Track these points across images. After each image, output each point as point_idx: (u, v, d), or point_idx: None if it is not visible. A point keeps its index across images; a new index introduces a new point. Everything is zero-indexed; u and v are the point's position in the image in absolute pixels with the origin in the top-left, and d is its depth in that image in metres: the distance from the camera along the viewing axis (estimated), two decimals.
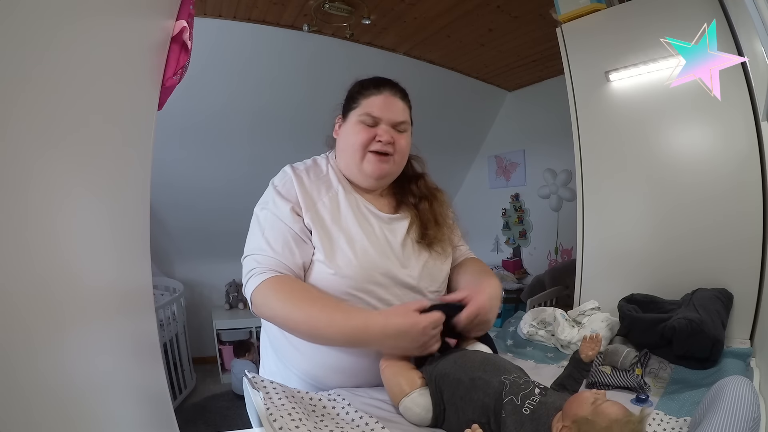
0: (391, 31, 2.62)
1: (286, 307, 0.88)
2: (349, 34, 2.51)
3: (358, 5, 2.28)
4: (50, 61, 0.47)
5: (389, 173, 1.03)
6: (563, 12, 1.67)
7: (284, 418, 0.73)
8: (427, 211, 1.07)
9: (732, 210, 1.32)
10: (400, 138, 1.01)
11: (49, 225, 0.49)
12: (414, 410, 0.84)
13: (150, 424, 0.76)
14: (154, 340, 0.83)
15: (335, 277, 0.92)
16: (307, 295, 0.89)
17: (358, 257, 0.93)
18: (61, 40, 0.49)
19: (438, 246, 1.05)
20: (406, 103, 1.05)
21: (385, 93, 1.01)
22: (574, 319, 1.43)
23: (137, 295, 0.77)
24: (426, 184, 1.14)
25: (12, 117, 0.42)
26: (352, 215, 0.98)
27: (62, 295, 0.51)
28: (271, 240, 0.93)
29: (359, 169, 1.00)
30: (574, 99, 1.68)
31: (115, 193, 0.68)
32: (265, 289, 0.89)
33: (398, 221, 1.04)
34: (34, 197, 0.46)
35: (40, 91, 0.46)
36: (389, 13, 2.39)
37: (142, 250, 0.78)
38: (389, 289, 0.95)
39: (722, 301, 1.23)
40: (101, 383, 0.60)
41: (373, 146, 0.99)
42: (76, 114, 0.53)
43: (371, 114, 0.99)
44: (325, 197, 0.98)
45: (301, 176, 1.00)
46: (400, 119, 1.01)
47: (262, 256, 0.93)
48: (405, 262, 0.99)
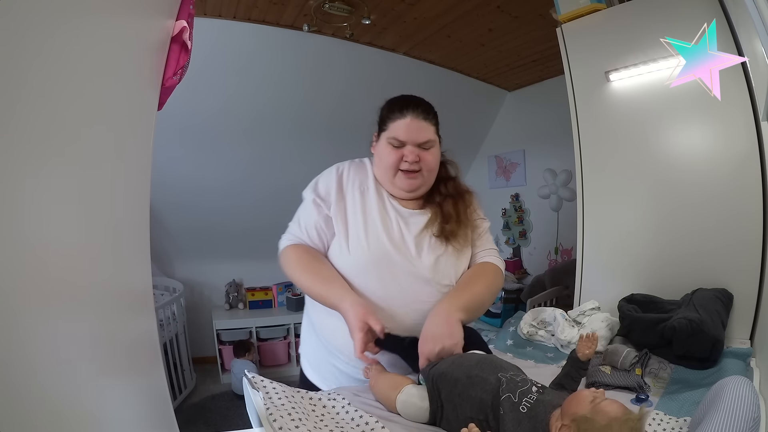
0: (391, 31, 2.62)
1: (292, 269, 1.09)
2: (349, 34, 2.51)
3: (358, 5, 2.28)
4: (50, 60, 0.47)
5: (419, 186, 1.13)
6: (563, 12, 1.67)
7: (284, 418, 0.73)
8: (450, 209, 1.14)
9: (732, 209, 1.32)
10: (427, 155, 1.10)
11: (49, 225, 0.49)
12: (410, 401, 0.85)
13: (150, 424, 0.76)
14: (154, 340, 0.83)
15: (347, 256, 1.07)
16: (307, 264, 1.08)
17: (369, 243, 1.07)
18: (60, 39, 0.49)
19: (455, 242, 1.11)
20: (430, 121, 1.13)
21: (408, 117, 1.09)
22: (574, 319, 1.43)
23: (137, 295, 0.77)
24: (455, 185, 1.21)
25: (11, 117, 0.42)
26: (375, 208, 1.11)
27: (62, 294, 0.51)
28: (301, 220, 1.14)
29: (392, 184, 1.13)
30: (574, 99, 1.68)
31: (115, 193, 0.68)
32: (285, 253, 1.13)
33: (418, 216, 1.13)
34: (33, 197, 0.46)
35: (39, 91, 0.46)
36: (389, 13, 2.39)
37: (142, 250, 0.78)
38: (396, 276, 1.05)
39: (722, 301, 1.23)
40: (101, 383, 0.60)
41: (402, 166, 1.09)
42: (75, 113, 0.53)
43: (397, 138, 1.09)
44: (357, 191, 1.13)
45: (342, 173, 1.16)
46: (423, 140, 1.09)
47: (292, 228, 1.17)
48: (417, 254, 1.08)
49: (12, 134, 0.42)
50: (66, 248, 0.53)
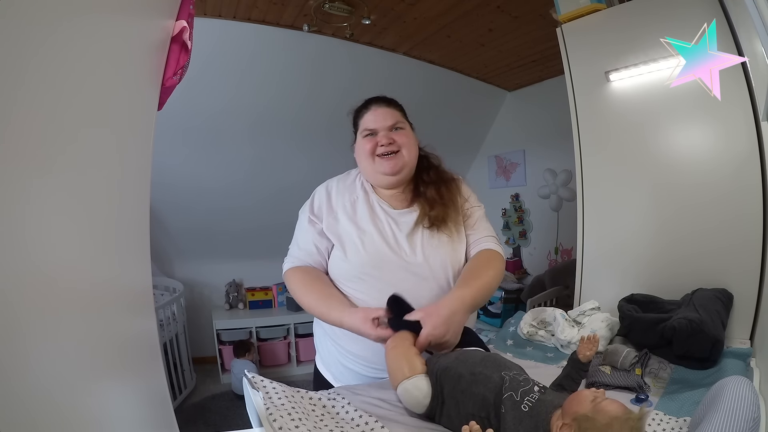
0: (391, 31, 2.62)
1: (295, 291, 1.15)
2: (349, 34, 2.51)
3: (358, 5, 2.28)
4: (49, 59, 0.47)
5: (402, 167, 1.16)
6: (563, 12, 1.67)
7: (284, 418, 0.73)
8: (433, 194, 1.19)
9: (732, 209, 1.32)
10: (399, 135, 1.17)
11: (49, 225, 0.49)
12: (413, 393, 0.85)
13: (150, 424, 0.76)
14: (154, 340, 0.83)
15: (346, 263, 1.12)
16: (309, 286, 1.13)
17: (365, 247, 1.11)
18: (59, 39, 0.49)
19: (446, 229, 1.14)
20: (395, 107, 1.21)
21: (372, 108, 1.19)
22: (574, 319, 1.43)
23: (137, 295, 0.77)
24: (437, 172, 1.25)
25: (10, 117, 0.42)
26: (366, 214, 1.16)
27: (62, 294, 0.51)
28: (299, 240, 1.20)
29: (376, 171, 1.17)
30: (574, 99, 1.68)
31: (115, 193, 0.68)
32: (288, 275, 1.18)
33: (406, 215, 1.17)
34: (33, 197, 0.46)
35: (38, 91, 0.46)
36: (389, 13, 2.39)
37: (142, 250, 0.78)
38: (395, 274, 1.09)
39: (722, 301, 1.23)
40: (101, 383, 0.60)
41: (378, 150, 1.15)
42: (75, 113, 0.53)
43: (368, 128, 1.18)
44: (347, 202, 1.19)
45: (330, 189, 1.22)
46: (391, 122, 1.17)
47: (292, 250, 1.22)
48: (411, 251, 1.12)
49: (11, 134, 0.42)
50: (66, 248, 0.53)
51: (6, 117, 0.41)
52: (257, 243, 3.77)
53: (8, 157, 0.41)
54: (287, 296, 3.94)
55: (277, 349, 3.84)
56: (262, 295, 4.02)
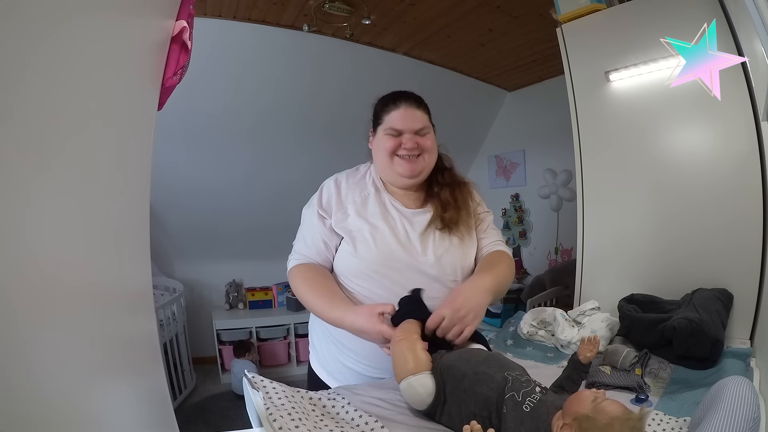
0: (391, 31, 2.62)
1: (299, 288, 1.12)
2: (349, 34, 2.51)
3: (358, 5, 2.28)
4: (49, 59, 0.47)
5: (421, 171, 1.15)
6: (563, 12, 1.67)
7: (284, 418, 0.73)
8: (447, 196, 1.18)
9: (732, 209, 1.32)
10: (424, 140, 1.14)
11: (49, 224, 0.49)
12: (417, 390, 0.84)
13: (150, 424, 0.76)
14: (154, 340, 0.83)
15: (356, 259, 1.09)
16: (313, 283, 1.10)
17: (377, 244, 1.09)
18: (59, 38, 0.49)
19: (457, 231, 1.13)
20: (423, 109, 1.17)
21: (402, 106, 1.13)
22: (574, 319, 1.43)
23: (137, 295, 0.77)
24: (451, 175, 1.24)
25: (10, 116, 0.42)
26: (378, 211, 1.13)
27: (62, 294, 0.51)
28: (306, 236, 1.16)
29: (393, 171, 1.14)
30: (574, 99, 1.68)
31: (115, 194, 0.68)
32: (293, 272, 1.15)
33: (420, 215, 1.15)
34: (33, 197, 0.46)
35: (38, 90, 0.46)
36: (389, 13, 2.39)
37: (142, 250, 0.78)
38: (404, 274, 1.07)
39: (722, 301, 1.23)
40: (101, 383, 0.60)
41: (400, 152, 1.13)
42: (75, 113, 0.53)
43: (394, 127, 1.12)
44: (358, 197, 1.16)
45: (339, 183, 1.19)
46: (419, 126, 1.13)
47: (297, 247, 1.19)
48: (422, 252, 1.10)
49: (11, 134, 0.42)
50: (66, 248, 0.53)
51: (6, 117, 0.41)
52: (257, 243, 3.77)
53: (8, 156, 0.41)
54: (287, 296, 3.94)
55: (277, 349, 3.84)
56: (262, 295, 4.02)
